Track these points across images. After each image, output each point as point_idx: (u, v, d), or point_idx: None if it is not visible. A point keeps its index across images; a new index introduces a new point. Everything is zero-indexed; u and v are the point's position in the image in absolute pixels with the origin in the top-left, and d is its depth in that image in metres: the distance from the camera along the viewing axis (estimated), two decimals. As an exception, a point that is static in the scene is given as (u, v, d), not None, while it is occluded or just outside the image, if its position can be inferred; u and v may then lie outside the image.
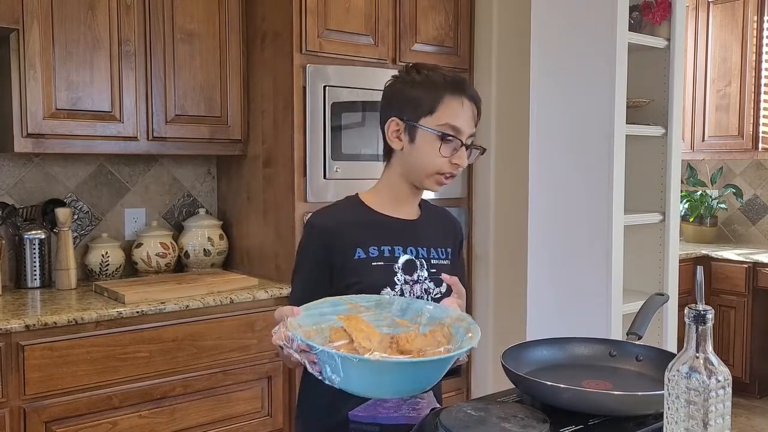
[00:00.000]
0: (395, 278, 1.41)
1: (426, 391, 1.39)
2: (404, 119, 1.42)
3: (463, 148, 1.41)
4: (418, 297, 1.42)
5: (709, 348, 0.95)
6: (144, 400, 2.31)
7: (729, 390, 0.94)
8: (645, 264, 2.66)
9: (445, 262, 1.48)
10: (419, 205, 1.53)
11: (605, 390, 1.29)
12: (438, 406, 1.41)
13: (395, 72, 1.50)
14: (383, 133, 1.46)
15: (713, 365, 0.94)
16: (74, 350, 2.17)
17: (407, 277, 1.42)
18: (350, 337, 1.13)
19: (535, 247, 2.69)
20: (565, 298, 2.58)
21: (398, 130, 1.43)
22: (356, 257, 1.40)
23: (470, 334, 1.15)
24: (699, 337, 0.95)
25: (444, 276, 1.36)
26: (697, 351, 0.95)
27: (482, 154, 1.48)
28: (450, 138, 1.39)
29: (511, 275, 3.05)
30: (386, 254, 1.42)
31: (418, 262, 1.44)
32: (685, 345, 0.96)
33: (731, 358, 4.06)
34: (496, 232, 3.13)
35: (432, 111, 1.39)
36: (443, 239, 1.52)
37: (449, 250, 1.52)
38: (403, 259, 1.43)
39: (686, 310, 0.96)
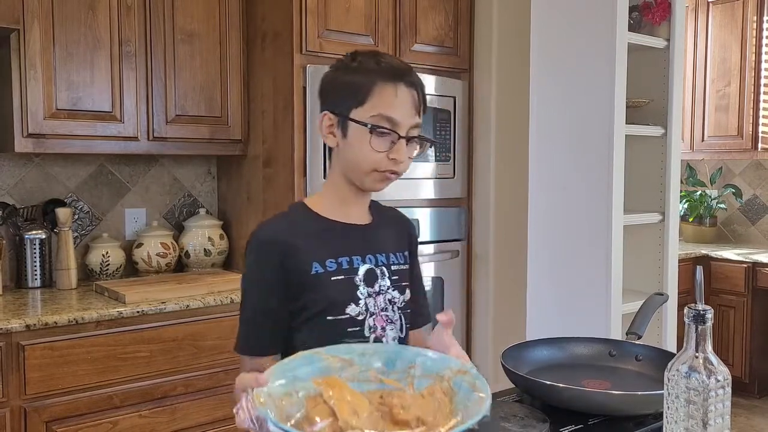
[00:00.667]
0: (357, 292, 1.28)
1: None
2: (336, 112, 1.27)
3: (402, 141, 1.25)
4: (382, 309, 1.30)
5: (709, 348, 0.95)
6: (144, 400, 2.31)
7: (728, 390, 0.95)
8: (645, 264, 2.67)
9: (404, 266, 1.37)
10: (370, 208, 1.39)
11: (605, 390, 1.29)
12: None
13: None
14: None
15: (713, 365, 0.94)
16: (75, 350, 2.18)
17: (369, 289, 1.29)
18: (333, 410, 0.91)
19: (535, 247, 2.70)
20: (565, 298, 2.58)
21: (331, 125, 1.29)
22: (313, 272, 1.25)
23: (480, 394, 0.95)
24: (698, 336, 0.95)
25: (440, 316, 1.17)
26: (697, 351, 0.95)
27: (431, 147, 1.33)
28: (382, 130, 1.23)
29: (511, 275, 3.05)
30: (345, 266, 1.28)
31: (378, 271, 1.31)
32: (684, 345, 0.96)
33: (731, 357, 4.06)
34: (496, 232, 3.13)
35: (363, 101, 1.24)
36: (400, 242, 1.40)
37: (406, 253, 1.40)
38: (363, 269, 1.29)
39: (686, 310, 0.97)
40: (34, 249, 2.60)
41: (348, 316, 1.26)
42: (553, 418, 1.20)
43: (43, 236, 2.62)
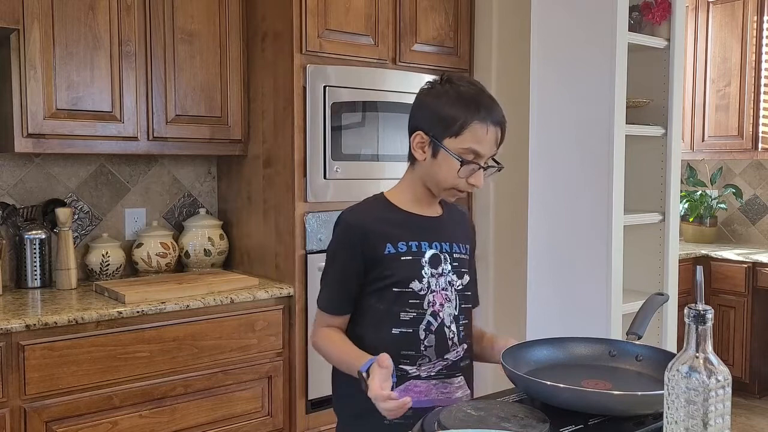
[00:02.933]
0: (422, 271, 1.51)
1: (457, 375, 1.54)
2: (429, 134, 1.48)
3: (481, 170, 1.48)
4: (442, 288, 1.52)
5: (709, 348, 0.95)
6: (144, 400, 2.31)
7: (729, 390, 0.95)
8: (645, 264, 2.67)
9: (465, 256, 1.59)
10: (440, 203, 1.61)
11: (605, 390, 1.29)
12: (468, 391, 1.57)
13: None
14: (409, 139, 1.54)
15: (713, 365, 0.94)
16: (74, 350, 2.18)
17: (433, 270, 1.52)
18: None
19: (535, 247, 2.70)
20: (565, 298, 2.58)
21: (423, 143, 1.49)
22: (386, 252, 1.50)
23: None
24: (699, 336, 0.95)
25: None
26: (697, 351, 0.95)
27: (499, 171, 1.54)
28: (469, 163, 1.46)
29: (511, 275, 3.05)
30: (414, 249, 1.52)
31: (442, 256, 1.54)
32: (684, 345, 0.96)
33: (731, 357, 4.06)
34: (496, 232, 3.13)
35: (458, 134, 1.45)
36: (464, 236, 1.63)
37: (468, 247, 1.62)
38: (429, 253, 1.53)
39: (686, 310, 0.97)
40: (34, 249, 2.60)
41: (411, 290, 1.49)
42: (553, 418, 1.20)
43: (43, 236, 2.62)
